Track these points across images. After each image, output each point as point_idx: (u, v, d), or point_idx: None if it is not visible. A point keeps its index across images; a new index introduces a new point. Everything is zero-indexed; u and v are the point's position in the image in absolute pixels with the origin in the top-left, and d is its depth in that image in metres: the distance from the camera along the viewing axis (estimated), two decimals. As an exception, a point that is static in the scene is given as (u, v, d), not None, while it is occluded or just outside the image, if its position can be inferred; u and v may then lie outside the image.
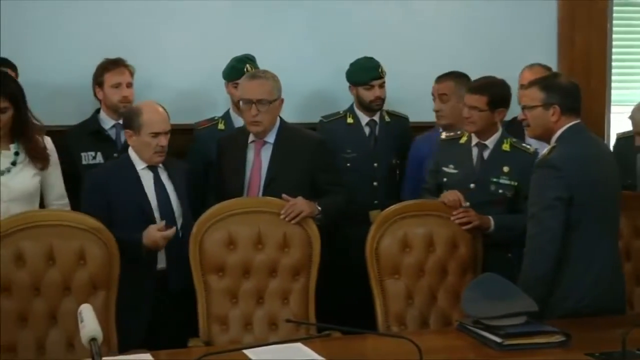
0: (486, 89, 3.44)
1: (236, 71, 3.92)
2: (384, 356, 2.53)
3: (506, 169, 3.42)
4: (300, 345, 2.60)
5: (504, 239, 3.35)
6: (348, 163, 4.02)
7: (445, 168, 3.54)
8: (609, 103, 4.90)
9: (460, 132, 3.59)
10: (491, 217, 3.35)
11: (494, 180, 3.43)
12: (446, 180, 3.52)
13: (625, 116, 4.14)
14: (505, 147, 3.47)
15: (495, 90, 3.46)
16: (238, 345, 2.92)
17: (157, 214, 3.29)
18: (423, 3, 4.57)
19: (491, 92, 3.43)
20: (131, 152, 3.37)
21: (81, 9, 4.05)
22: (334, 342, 2.78)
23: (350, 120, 4.12)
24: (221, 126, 3.97)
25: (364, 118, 4.13)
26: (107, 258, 2.95)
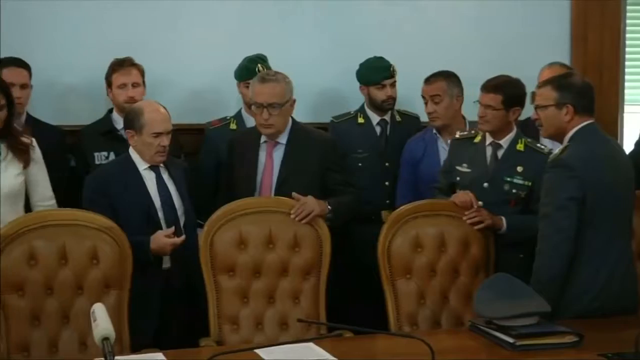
0: (501, 88, 3.42)
1: (248, 71, 3.92)
2: (396, 356, 2.52)
3: (520, 169, 3.41)
4: (311, 344, 2.60)
5: (516, 240, 3.34)
6: (359, 163, 4.01)
7: (458, 167, 3.53)
8: (622, 102, 4.87)
9: (474, 132, 3.58)
10: (503, 218, 3.34)
11: (508, 179, 3.41)
12: (459, 179, 3.50)
13: (639, 116, 4.11)
14: (519, 147, 3.46)
15: (510, 89, 3.44)
16: (249, 345, 2.92)
17: (161, 214, 3.29)
18: (434, 3, 4.55)
19: (506, 91, 3.42)
20: (132, 152, 3.35)
21: (94, 9, 4.07)
22: (346, 342, 2.78)
23: (361, 120, 4.11)
24: (233, 126, 3.97)
25: (375, 118, 4.13)
26: (120, 257, 2.96)
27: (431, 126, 3.92)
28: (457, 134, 3.65)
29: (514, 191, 3.41)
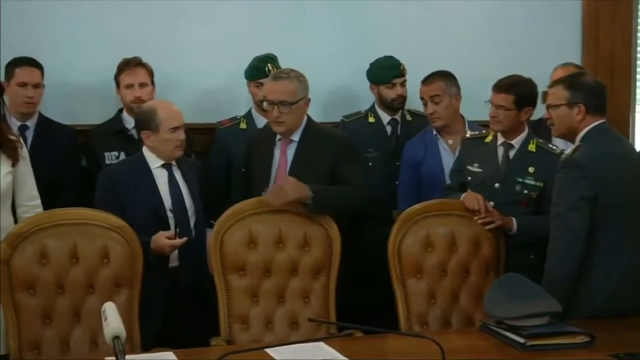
0: (513, 88, 3.41)
1: (258, 71, 3.93)
2: (406, 356, 2.52)
3: (532, 170, 3.40)
4: (322, 344, 2.60)
5: (527, 241, 3.32)
6: (370, 162, 4.00)
7: (469, 167, 3.52)
8: (634, 102, 4.87)
9: (485, 131, 3.57)
10: (514, 219, 3.33)
11: (519, 180, 3.40)
12: (470, 179, 3.50)
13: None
14: (531, 148, 3.44)
15: (521, 89, 3.43)
16: (259, 344, 2.92)
17: (171, 213, 3.30)
18: (445, 3, 4.55)
19: (518, 91, 3.41)
20: (145, 152, 3.36)
21: (104, 8, 4.08)
22: (356, 342, 2.78)
23: (371, 119, 4.11)
24: (243, 125, 3.98)
25: (386, 117, 4.12)
26: (130, 256, 2.96)
27: (432, 127, 3.91)
28: (468, 134, 3.65)
29: (526, 192, 3.40)
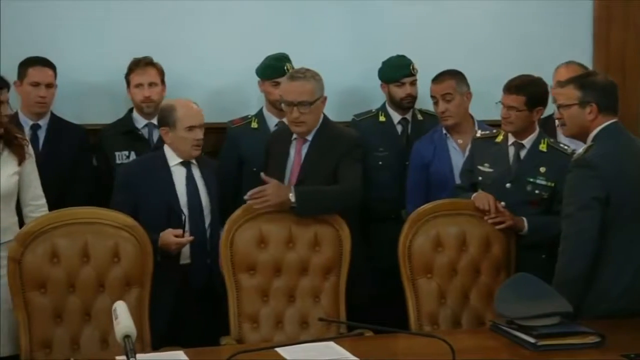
0: (524, 89, 3.40)
1: (274, 70, 3.91)
2: (416, 356, 2.51)
3: (543, 170, 3.38)
4: (332, 344, 2.60)
5: (538, 241, 3.31)
6: (380, 161, 4.00)
7: (480, 167, 3.51)
8: (645, 102, 4.84)
9: (495, 131, 3.56)
10: (525, 219, 3.32)
11: (531, 180, 3.39)
12: (481, 179, 3.48)
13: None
14: (542, 148, 3.43)
15: (533, 89, 3.42)
16: (269, 343, 2.92)
17: (186, 210, 3.31)
18: (456, 2, 4.54)
19: (529, 92, 3.39)
20: (166, 149, 3.40)
21: (116, 9, 4.09)
22: (366, 341, 2.77)
23: (382, 118, 4.11)
24: (254, 125, 3.98)
25: (396, 116, 4.12)
26: (141, 255, 2.97)
27: (442, 125, 3.89)
28: (479, 133, 3.64)
29: (537, 192, 3.38)
